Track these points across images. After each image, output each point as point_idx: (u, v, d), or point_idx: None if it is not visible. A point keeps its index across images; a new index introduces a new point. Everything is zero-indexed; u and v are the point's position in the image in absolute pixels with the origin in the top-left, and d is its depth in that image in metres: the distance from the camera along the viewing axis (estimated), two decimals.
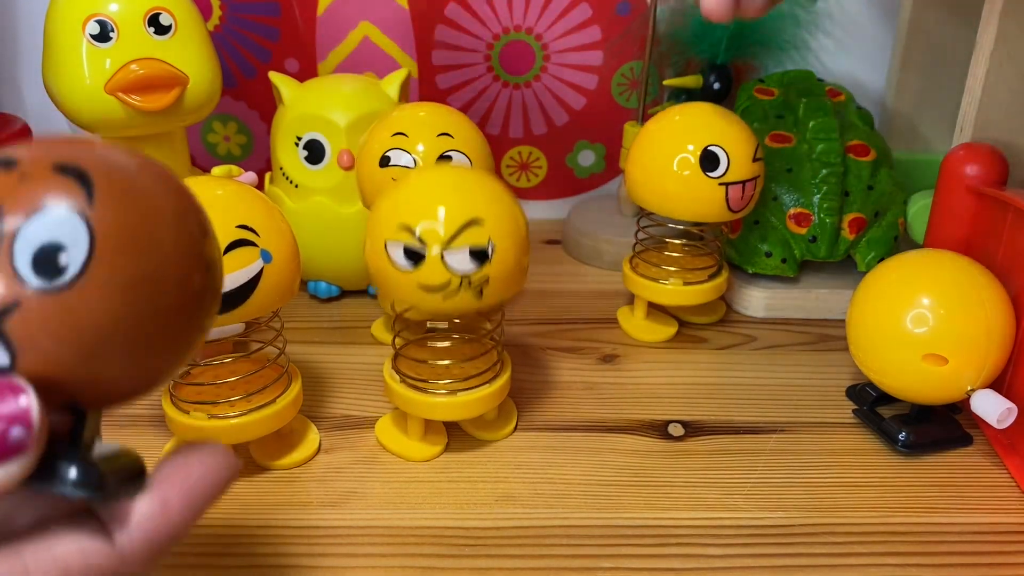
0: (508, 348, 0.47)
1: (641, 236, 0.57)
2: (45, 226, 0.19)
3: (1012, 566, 0.39)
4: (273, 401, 0.42)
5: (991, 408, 0.42)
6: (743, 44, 0.66)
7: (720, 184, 0.50)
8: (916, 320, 0.43)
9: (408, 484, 0.43)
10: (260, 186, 0.51)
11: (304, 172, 0.56)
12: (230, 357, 0.44)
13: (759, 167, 0.52)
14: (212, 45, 0.55)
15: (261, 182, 0.58)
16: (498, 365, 0.45)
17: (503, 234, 0.39)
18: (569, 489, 0.43)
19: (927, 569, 0.39)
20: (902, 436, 0.46)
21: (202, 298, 0.22)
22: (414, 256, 0.39)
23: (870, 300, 0.45)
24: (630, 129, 0.64)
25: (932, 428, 0.47)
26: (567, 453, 0.45)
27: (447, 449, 0.45)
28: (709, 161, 0.50)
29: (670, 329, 0.56)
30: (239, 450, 0.45)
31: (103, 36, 0.51)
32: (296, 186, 0.56)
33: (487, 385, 0.44)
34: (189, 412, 0.41)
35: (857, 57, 0.70)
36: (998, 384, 0.45)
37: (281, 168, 0.57)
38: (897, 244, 0.58)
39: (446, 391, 0.43)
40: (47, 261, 0.19)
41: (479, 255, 0.39)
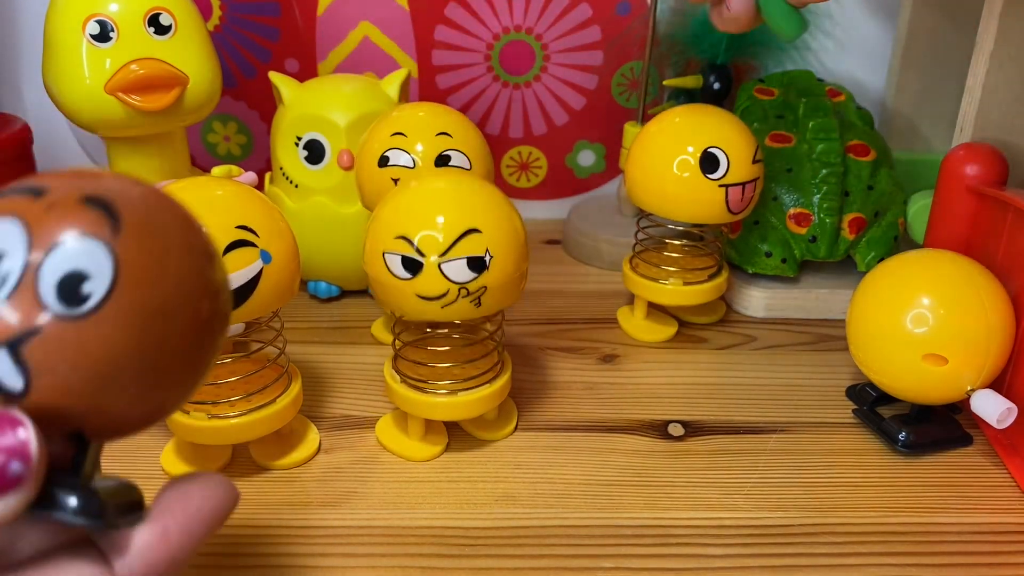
0: (508, 348, 0.47)
1: (641, 236, 0.57)
2: (72, 255, 0.20)
3: (1012, 566, 0.39)
4: (273, 401, 0.42)
5: (991, 408, 0.42)
6: (743, 44, 0.66)
7: (720, 186, 0.50)
8: (916, 320, 0.43)
9: (408, 484, 0.43)
10: (260, 186, 0.51)
11: (304, 172, 0.56)
12: (230, 357, 0.44)
13: (759, 169, 0.52)
14: (212, 45, 0.55)
15: (261, 182, 0.58)
16: (498, 365, 0.45)
17: (501, 243, 0.40)
18: (569, 489, 0.43)
19: (927, 569, 0.39)
20: (902, 436, 0.46)
21: (212, 323, 0.23)
22: (412, 266, 0.39)
23: (870, 300, 0.45)
24: (630, 129, 0.64)
25: (932, 428, 0.47)
26: (567, 453, 0.45)
27: (447, 449, 0.45)
28: (709, 163, 0.50)
29: (670, 329, 0.56)
30: (239, 450, 0.45)
31: (103, 36, 0.51)
32: (296, 186, 0.56)
33: (487, 385, 0.44)
34: (189, 412, 0.41)
35: (857, 57, 0.70)
36: (998, 384, 0.45)
37: (281, 168, 0.57)
38: (897, 244, 0.58)
39: (447, 391, 0.43)
40: (71, 289, 0.20)
41: (477, 264, 0.39)
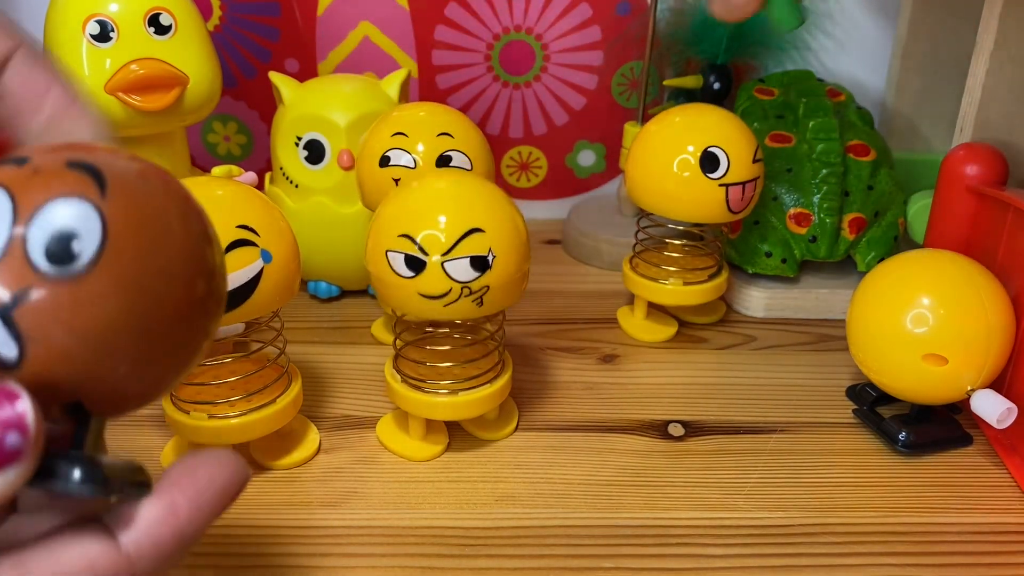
0: (508, 348, 0.47)
1: (641, 236, 0.57)
2: (59, 214, 0.19)
3: (1012, 566, 0.39)
4: (273, 401, 0.42)
5: (991, 408, 0.42)
6: (743, 44, 0.66)
7: (720, 185, 0.50)
8: (916, 320, 0.43)
9: (408, 484, 0.43)
10: (260, 186, 0.51)
11: (304, 172, 0.56)
12: (230, 357, 0.44)
13: (759, 168, 0.52)
14: (212, 45, 0.55)
15: (261, 182, 0.58)
16: (499, 365, 0.45)
17: (503, 243, 0.40)
18: (569, 489, 0.43)
19: (927, 569, 0.39)
20: (902, 436, 0.46)
21: (206, 302, 0.22)
22: (415, 265, 0.39)
23: (870, 300, 0.45)
24: (630, 129, 0.64)
25: (932, 428, 0.47)
26: (567, 453, 0.45)
27: (448, 449, 0.45)
28: (709, 162, 0.50)
29: (670, 329, 0.56)
30: (239, 450, 0.45)
31: (103, 36, 0.51)
32: (296, 186, 0.56)
33: (488, 385, 0.44)
34: (189, 412, 0.41)
35: (857, 57, 0.70)
36: (998, 384, 0.45)
37: (281, 168, 0.57)
38: (897, 244, 0.58)
39: (447, 391, 0.43)
40: (60, 250, 0.19)
41: (479, 264, 0.39)
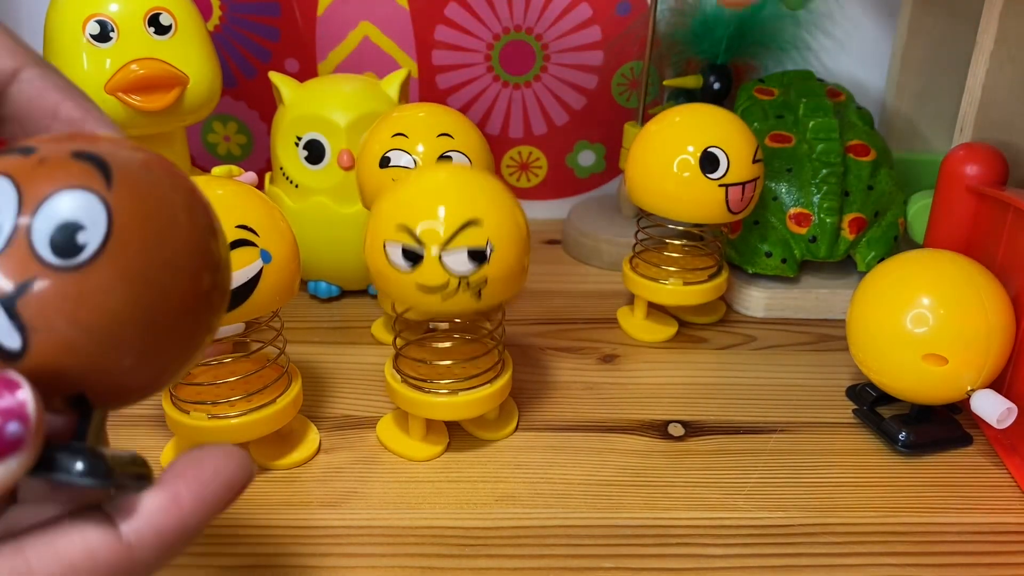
0: (508, 348, 0.47)
1: (641, 236, 0.57)
2: (64, 205, 0.19)
3: (1012, 566, 0.39)
4: (273, 401, 0.42)
5: (991, 408, 0.42)
6: (743, 44, 0.66)
7: (720, 185, 0.50)
8: (916, 320, 0.43)
9: (408, 484, 0.43)
10: (260, 186, 0.51)
11: (304, 172, 0.56)
12: (230, 357, 0.44)
13: (759, 168, 0.52)
14: (212, 45, 0.55)
15: (261, 182, 0.58)
16: (499, 365, 0.45)
17: (502, 235, 0.39)
18: (569, 489, 0.43)
19: (927, 569, 0.39)
20: (902, 436, 0.46)
21: (211, 295, 0.22)
22: (413, 257, 0.39)
23: (870, 300, 0.45)
24: (630, 129, 0.64)
25: (932, 428, 0.47)
26: (567, 453, 0.45)
27: (448, 449, 0.45)
28: (709, 162, 0.50)
29: (670, 329, 0.56)
30: None
31: (103, 36, 0.51)
32: (296, 186, 0.56)
33: (488, 385, 0.44)
34: (189, 412, 0.41)
35: (857, 57, 0.70)
36: (998, 384, 0.45)
37: (281, 168, 0.57)
38: (897, 244, 0.58)
39: (447, 391, 0.43)
40: (64, 241, 0.19)
41: (477, 256, 0.39)
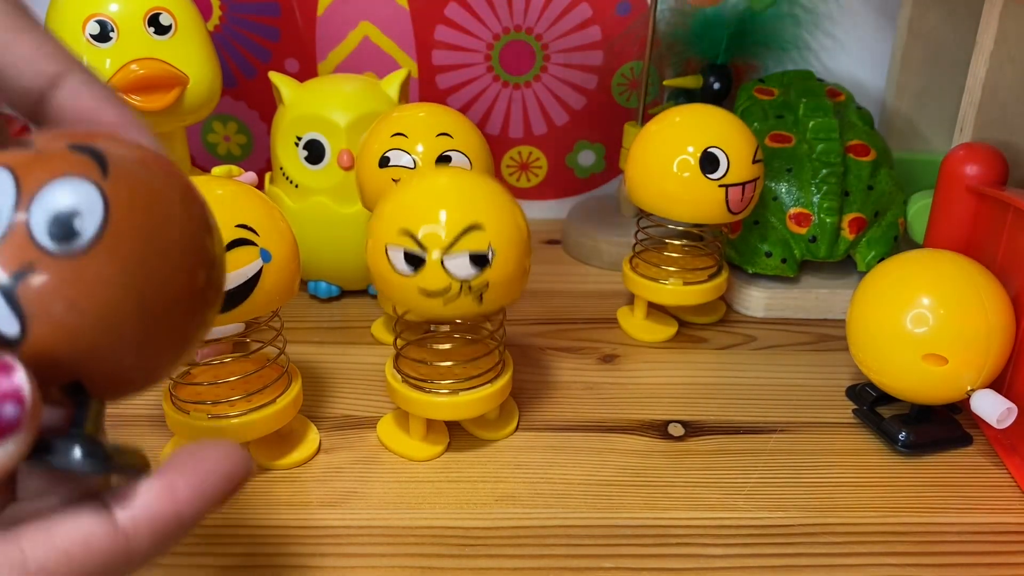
0: (508, 348, 0.47)
1: (641, 236, 0.57)
2: (62, 193, 0.20)
3: (1012, 566, 0.39)
4: (273, 401, 0.42)
5: (991, 408, 0.42)
6: (743, 44, 0.66)
7: (720, 186, 0.50)
8: (916, 320, 0.43)
9: (408, 484, 0.43)
10: (260, 186, 0.51)
11: (304, 172, 0.56)
12: (230, 357, 0.44)
13: (759, 168, 0.52)
14: (212, 45, 0.55)
15: (261, 182, 0.58)
16: (499, 365, 0.45)
17: (504, 239, 0.39)
18: (569, 489, 0.43)
19: (927, 569, 0.39)
20: (902, 436, 0.46)
21: (205, 291, 0.22)
22: (414, 261, 0.39)
23: (870, 300, 0.45)
24: (630, 129, 0.64)
25: (932, 428, 0.47)
26: (567, 453, 0.45)
27: (448, 449, 0.45)
28: (709, 163, 0.50)
29: (670, 329, 0.56)
30: None
31: (103, 36, 0.51)
32: (296, 186, 0.56)
33: (489, 385, 0.44)
34: (189, 412, 0.41)
35: (857, 57, 0.70)
36: (998, 384, 0.45)
37: (281, 168, 0.57)
38: (897, 244, 0.58)
39: (448, 391, 0.43)
40: (62, 226, 0.20)
41: (479, 260, 0.39)
